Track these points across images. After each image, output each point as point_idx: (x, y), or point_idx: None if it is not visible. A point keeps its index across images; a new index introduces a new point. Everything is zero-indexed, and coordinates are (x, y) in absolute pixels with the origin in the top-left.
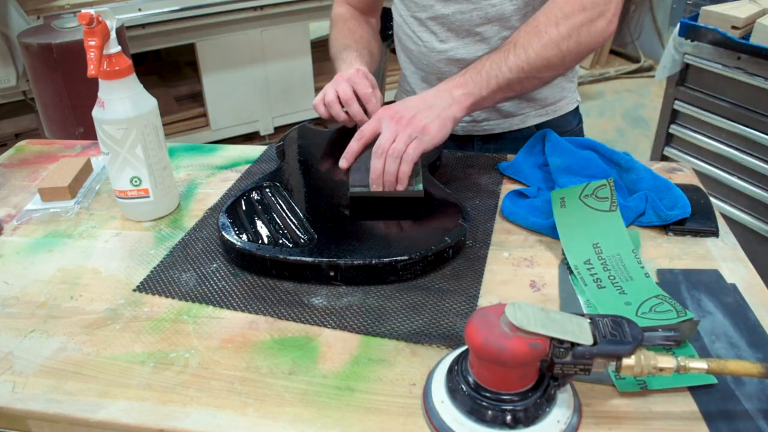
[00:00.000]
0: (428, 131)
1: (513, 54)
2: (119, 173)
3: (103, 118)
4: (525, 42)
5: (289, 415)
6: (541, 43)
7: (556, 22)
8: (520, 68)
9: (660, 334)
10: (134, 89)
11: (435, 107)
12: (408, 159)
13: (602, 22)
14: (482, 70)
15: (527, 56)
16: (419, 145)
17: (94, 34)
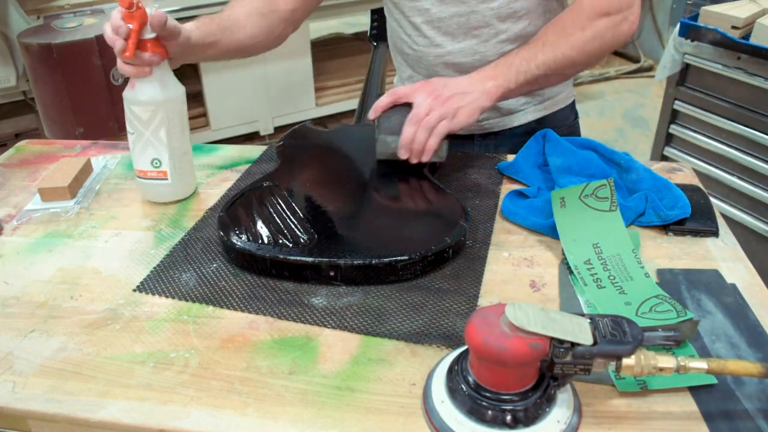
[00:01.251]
0: (459, 115)
1: (542, 52)
2: (141, 153)
3: (133, 98)
4: (553, 42)
5: (289, 415)
6: (569, 44)
7: (582, 26)
8: (548, 66)
9: (660, 334)
10: (165, 75)
11: (468, 95)
12: (437, 133)
13: (625, 25)
14: (512, 65)
15: (554, 56)
16: (449, 124)
17: (132, 18)
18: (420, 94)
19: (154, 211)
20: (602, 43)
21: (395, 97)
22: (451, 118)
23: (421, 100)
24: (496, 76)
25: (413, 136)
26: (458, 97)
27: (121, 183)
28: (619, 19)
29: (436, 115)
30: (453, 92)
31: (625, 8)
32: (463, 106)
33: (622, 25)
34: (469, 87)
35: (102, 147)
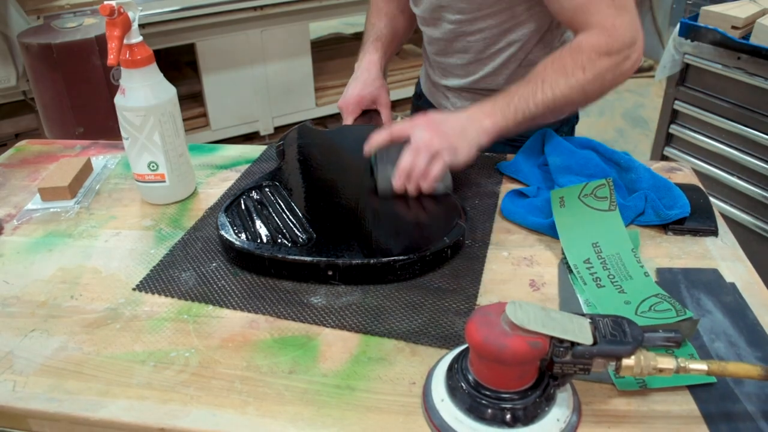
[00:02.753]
0: (459, 152)
1: (540, 91)
2: (138, 158)
3: (124, 104)
4: (552, 81)
5: (290, 414)
6: (568, 84)
7: (583, 67)
8: (546, 105)
9: (660, 335)
10: (154, 78)
11: (467, 133)
12: (439, 163)
13: (627, 64)
14: (511, 102)
15: (554, 95)
16: (451, 158)
17: (115, 24)
18: (419, 129)
19: (154, 211)
20: (602, 83)
21: (393, 134)
22: (453, 153)
23: (420, 130)
24: (494, 114)
25: (412, 163)
26: (458, 136)
27: (121, 183)
28: (621, 58)
29: (438, 143)
30: (452, 129)
31: (626, 47)
32: (462, 145)
33: (624, 65)
34: (467, 124)
35: (102, 147)
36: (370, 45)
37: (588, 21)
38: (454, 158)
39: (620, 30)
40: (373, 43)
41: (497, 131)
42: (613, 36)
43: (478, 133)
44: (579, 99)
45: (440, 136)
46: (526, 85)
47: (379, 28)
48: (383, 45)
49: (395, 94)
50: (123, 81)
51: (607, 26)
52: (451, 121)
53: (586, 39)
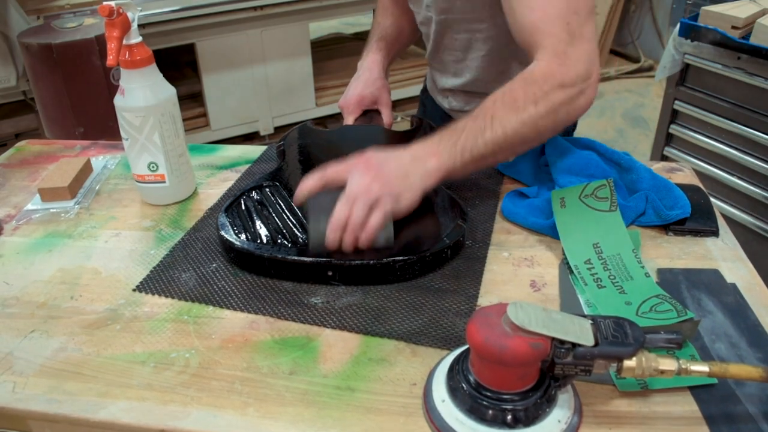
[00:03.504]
0: (401, 198)
1: (490, 128)
2: (137, 159)
3: (123, 105)
4: (502, 116)
5: (290, 415)
6: (520, 120)
7: (535, 100)
8: (496, 143)
9: (662, 337)
10: (153, 79)
11: (410, 176)
12: (379, 212)
13: (582, 99)
14: (458, 141)
15: (504, 132)
16: (393, 205)
17: (114, 25)
18: (355, 173)
19: (154, 211)
20: (556, 118)
21: (326, 179)
22: (395, 201)
23: (358, 178)
24: (439, 154)
25: (348, 213)
26: (400, 180)
27: (121, 183)
28: (575, 92)
29: (378, 190)
30: (393, 172)
31: (581, 81)
32: (404, 190)
33: (579, 100)
34: (409, 168)
35: (102, 147)
36: (374, 44)
37: (540, 44)
38: (395, 205)
39: (573, 59)
40: (377, 42)
41: (443, 173)
42: (566, 65)
43: (422, 175)
44: (532, 136)
45: (380, 181)
46: (474, 120)
47: (384, 27)
48: (387, 44)
49: (396, 93)
50: (122, 81)
51: (558, 53)
52: (391, 163)
53: (538, 67)
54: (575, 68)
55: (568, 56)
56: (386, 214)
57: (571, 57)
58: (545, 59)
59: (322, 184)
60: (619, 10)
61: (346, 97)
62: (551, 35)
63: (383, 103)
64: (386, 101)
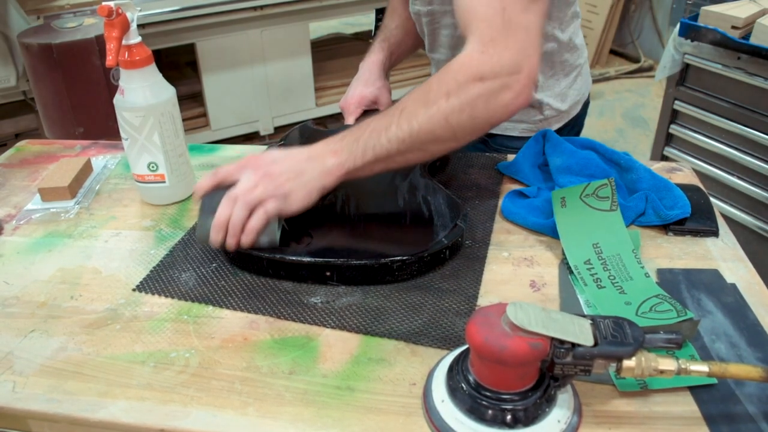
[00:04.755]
0: (291, 198)
1: (396, 124)
2: (137, 158)
3: (123, 105)
4: (411, 111)
5: (290, 414)
6: (428, 114)
7: (447, 93)
8: (401, 140)
9: (661, 336)
10: (153, 79)
11: (304, 175)
12: (260, 214)
13: (508, 95)
14: (360, 138)
15: (410, 128)
16: (277, 206)
17: (113, 25)
18: (246, 172)
19: (154, 211)
20: (473, 114)
21: (218, 177)
22: (282, 199)
23: (246, 175)
24: (340, 152)
25: (228, 215)
26: (291, 179)
27: (121, 183)
28: (497, 86)
29: (261, 191)
30: (284, 170)
31: (505, 73)
32: (295, 188)
33: (502, 94)
34: (306, 165)
35: (102, 147)
36: (377, 45)
37: (470, 27)
38: (283, 205)
39: (498, 49)
40: (380, 43)
41: (343, 172)
42: (487, 53)
43: (320, 174)
44: (443, 133)
45: (267, 182)
46: (382, 117)
47: (390, 28)
48: (390, 46)
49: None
50: (122, 81)
51: (484, 39)
52: (285, 162)
53: (459, 56)
54: (499, 58)
55: (495, 44)
56: (269, 215)
57: (497, 46)
58: (469, 46)
59: (214, 183)
60: (619, 10)
61: (346, 97)
62: (482, 20)
63: (383, 103)
64: (386, 101)
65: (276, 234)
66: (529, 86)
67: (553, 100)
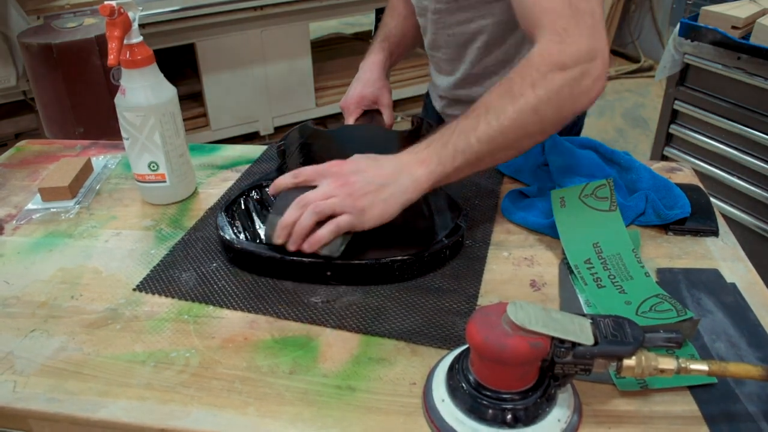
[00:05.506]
0: (367, 214)
1: (484, 122)
2: (138, 158)
3: (124, 104)
4: (498, 107)
5: (290, 414)
6: (517, 107)
7: (533, 84)
8: (492, 138)
9: (661, 336)
10: (154, 78)
11: (388, 187)
12: (331, 227)
13: (587, 81)
14: (449, 142)
15: (500, 124)
16: (351, 220)
17: (115, 25)
18: (326, 178)
19: (154, 211)
20: (559, 103)
21: (300, 178)
22: (357, 214)
23: (325, 183)
24: (429, 160)
25: (296, 219)
26: (372, 193)
27: (122, 183)
28: (579, 73)
29: (336, 202)
30: (368, 182)
31: (583, 60)
32: (374, 204)
33: (584, 81)
34: (392, 177)
35: (102, 147)
36: (377, 45)
37: (538, 21)
38: (357, 221)
39: (573, 37)
40: (380, 43)
41: (433, 181)
42: (565, 42)
43: (406, 187)
44: (533, 125)
45: (344, 194)
46: (467, 117)
47: (389, 28)
48: (390, 45)
49: (397, 93)
50: (123, 81)
51: (557, 29)
52: (369, 173)
53: (536, 49)
54: (576, 46)
55: (568, 33)
56: (340, 229)
57: (571, 33)
58: (544, 39)
59: (294, 184)
60: (619, 10)
61: (346, 97)
62: (551, 11)
63: (383, 103)
64: (387, 101)
65: (339, 249)
66: (605, 70)
67: None
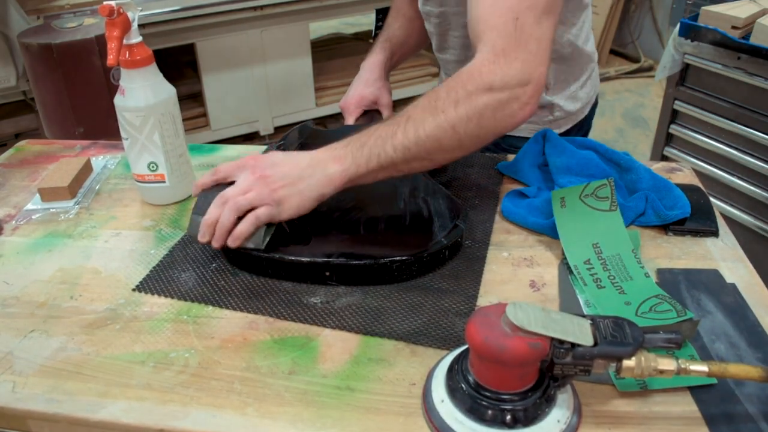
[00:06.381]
0: (284, 205)
1: (402, 131)
2: (137, 158)
3: (123, 105)
4: (418, 119)
5: (289, 414)
6: (435, 122)
7: (456, 101)
8: (407, 148)
9: (661, 336)
10: (153, 78)
11: (302, 181)
12: (250, 219)
13: (515, 105)
14: (366, 144)
15: (416, 136)
16: (269, 211)
17: (114, 25)
18: (243, 173)
19: (154, 211)
20: (480, 123)
21: (217, 176)
22: (275, 205)
23: (243, 178)
24: (344, 159)
25: (217, 216)
26: (288, 185)
27: (121, 183)
28: (506, 97)
29: (253, 196)
30: (282, 176)
31: (514, 85)
32: (291, 195)
33: (511, 106)
34: (306, 171)
35: (102, 147)
36: (379, 45)
37: (482, 35)
38: (275, 212)
39: (509, 60)
40: (382, 43)
41: (345, 179)
42: (498, 64)
43: (319, 181)
44: (449, 143)
45: (262, 186)
46: (389, 125)
47: (392, 29)
48: (392, 46)
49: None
50: (123, 81)
51: (496, 49)
52: (285, 166)
53: (469, 65)
54: (509, 70)
55: (506, 55)
56: (259, 221)
57: (508, 56)
58: (480, 55)
59: (213, 181)
60: (619, 10)
61: (346, 97)
62: (494, 29)
63: (383, 103)
64: (387, 102)
65: (262, 240)
66: (536, 98)
67: (564, 102)
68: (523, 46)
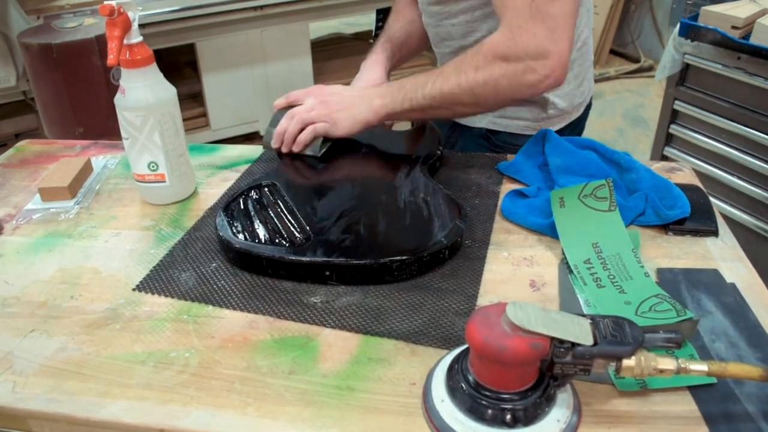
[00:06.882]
0: (338, 123)
1: (431, 83)
2: (137, 158)
3: (124, 104)
4: (445, 75)
5: (289, 414)
6: (457, 81)
7: (476, 66)
8: (433, 98)
9: (661, 336)
10: (154, 78)
11: (354, 107)
12: (309, 130)
13: (532, 76)
14: (402, 88)
15: (441, 90)
16: (325, 128)
17: (115, 25)
18: (310, 97)
19: (154, 211)
20: (496, 89)
21: (291, 98)
22: (331, 123)
23: (308, 101)
24: (385, 96)
25: (286, 128)
26: (344, 108)
27: (121, 183)
28: (521, 67)
29: (315, 114)
30: (339, 101)
31: (529, 57)
32: (344, 117)
33: (526, 76)
34: (356, 100)
35: (102, 147)
36: (380, 45)
37: (502, 14)
38: (331, 129)
39: (525, 36)
40: (383, 44)
41: (386, 113)
42: (515, 39)
43: (367, 109)
44: (468, 100)
45: (322, 107)
46: (423, 76)
47: (393, 29)
48: (393, 47)
49: None
50: (123, 81)
51: (512, 26)
52: (341, 95)
53: (491, 37)
54: (523, 45)
55: (522, 31)
56: (316, 131)
57: (525, 32)
58: (500, 31)
59: (286, 102)
60: (619, 10)
61: None
62: (512, 8)
63: None
64: None
65: (319, 149)
66: (558, 70)
67: (559, 100)
68: (539, 23)
